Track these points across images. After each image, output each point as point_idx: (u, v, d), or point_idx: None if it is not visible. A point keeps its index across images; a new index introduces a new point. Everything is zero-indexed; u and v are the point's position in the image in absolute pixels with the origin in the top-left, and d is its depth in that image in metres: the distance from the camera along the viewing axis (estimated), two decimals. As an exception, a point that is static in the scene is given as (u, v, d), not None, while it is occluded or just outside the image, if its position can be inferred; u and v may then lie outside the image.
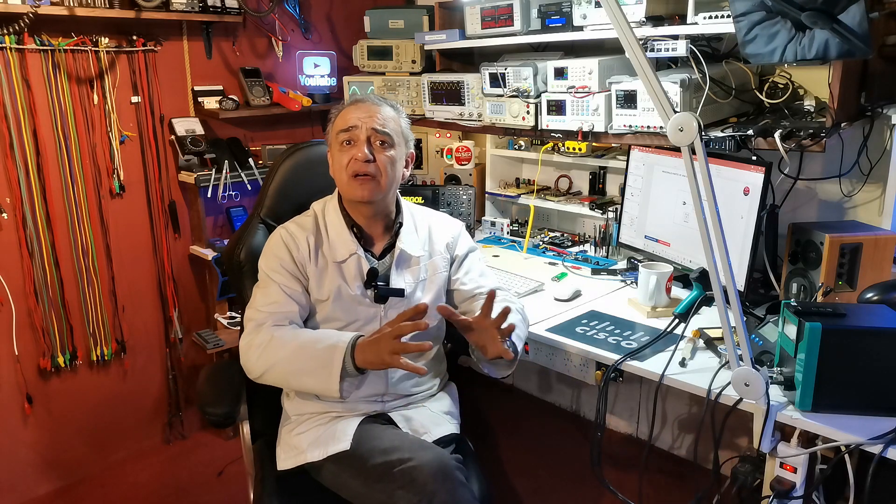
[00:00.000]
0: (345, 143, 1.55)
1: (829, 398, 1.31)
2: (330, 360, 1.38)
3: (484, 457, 2.17)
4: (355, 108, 1.57)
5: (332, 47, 2.97)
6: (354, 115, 1.55)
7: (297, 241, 1.57)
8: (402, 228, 1.64)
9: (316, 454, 1.49)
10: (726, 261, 1.25)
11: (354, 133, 1.54)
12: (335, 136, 1.57)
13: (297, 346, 1.43)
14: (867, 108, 1.79)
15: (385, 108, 1.59)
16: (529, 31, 2.22)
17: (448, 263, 1.69)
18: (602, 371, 1.67)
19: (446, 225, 1.74)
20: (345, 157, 1.54)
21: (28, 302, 2.32)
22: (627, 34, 1.24)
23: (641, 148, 2.12)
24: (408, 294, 1.60)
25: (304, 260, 1.56)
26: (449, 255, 1.69)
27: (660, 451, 2.63)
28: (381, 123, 1.55)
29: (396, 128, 1.59)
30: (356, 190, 1.55)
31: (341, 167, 1.55)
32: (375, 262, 1.61)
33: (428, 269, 1.65)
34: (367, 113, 1.56)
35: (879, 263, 1.65)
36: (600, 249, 2.39)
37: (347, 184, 1.55)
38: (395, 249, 1.61)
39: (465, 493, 1.35)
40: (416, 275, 1.63)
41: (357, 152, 1.53)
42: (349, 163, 1.54)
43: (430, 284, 1.65)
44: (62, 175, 2.33)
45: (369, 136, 1.54)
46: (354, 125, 1.54)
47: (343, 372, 1.38)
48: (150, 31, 2.44)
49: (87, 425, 2.54)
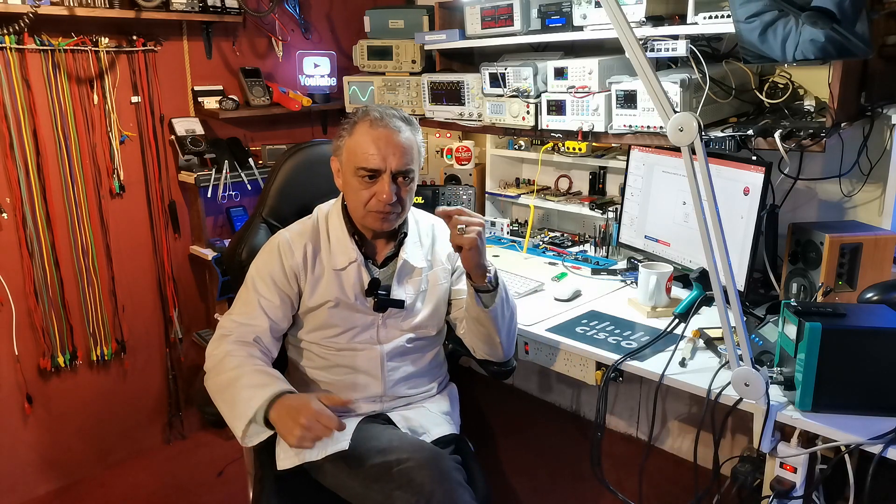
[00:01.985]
0: (366, 178, 1.49)
1: (829, 398, 1.31)
2: (247, 402, 1.34)
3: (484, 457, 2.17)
4: (377, 139, 1.47)
5: (332, 47, 2.97)
6: (377, 153, 1.47)
7: (294, 248, 1.56)
8: (407, 239, 1.62)
9: (315, 454, 1.49)
10: (726, 261, 1.25)
11: (377, 174, 1.48)
12: (353, 169, 1.49)
13: (235, 375, 1.39)
14: (867, 108, 1.79)
15: (405, 134, 1.51)
16: (529, 31, 2.21)
17: (449, 274, 1.69)
18: (602, 371, 1.67)
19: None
20: (365, 192, 1.49)
21: (28, 302, 2.32)
22: (627, 34, 1.24)
23: (641, 148, 2.12)
24: (407, 305, 1.59)
25: (297, 267, 1.55)
26: (450, 266, 1.69)
27: (660, 451, 2.63)
28: (406, 162, 1.49)
29: (416, 154, 1.53)
30: (375, 223, 1.53)
31: (360, 201, 1.50)
32: (377, 270, 1.60)
33: (429, 279, 1.65)
34: (389, 148, 1.47)
35: (879, 263, 1.65)
36: (600, 249, 2.39)
37: (365, 217, 1.53)
38: (398, 260, 1.60)
39: (462, 494, 1.35)
40: (417, 286, 1.62)
41: (381, 193, 1.47)
42: (370, 200, 1.49)
43: (431, 296, 1.64)
44: (62, 175, 2.33)
45: (395, 174, 1.48)
46: (378, 168, 1.47)
47: (252, 419, 1.33)
48: (150, 31, 2.44)
49: (87, 425, 2.54)
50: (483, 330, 1.55)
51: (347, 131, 1.53)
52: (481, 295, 1.49)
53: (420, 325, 1.62)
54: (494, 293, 1.49)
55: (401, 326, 1.61)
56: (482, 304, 1.49)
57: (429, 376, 1.67)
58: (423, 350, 1.65)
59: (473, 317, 1.54)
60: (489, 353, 1.62)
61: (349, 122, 1.54)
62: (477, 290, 1.49)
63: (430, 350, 1.67)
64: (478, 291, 1.49)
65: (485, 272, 1.46)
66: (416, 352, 1.63)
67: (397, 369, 1.60)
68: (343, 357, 1.58)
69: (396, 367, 1.60)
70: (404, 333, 1.61)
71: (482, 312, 1.50)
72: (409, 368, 1.62)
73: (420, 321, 1.62)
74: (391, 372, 1.59)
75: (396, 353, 1.60)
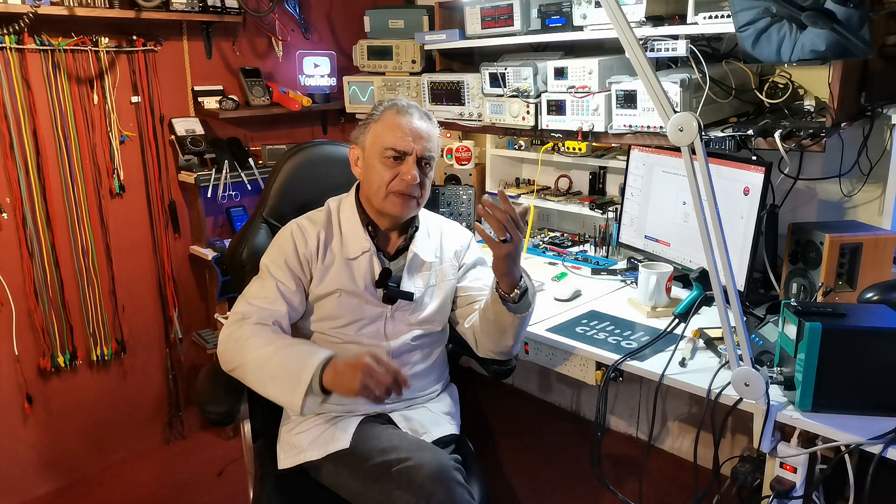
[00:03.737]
0: (392, 159, 1.52)
1: (829, 398, 1.31)
2: (299, 374, 1.32)
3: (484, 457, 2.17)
4: (407, 127, 1.53)
5: (332, 47, 2.97)
6: (406, 136, 1.52)
7: (307, 236, 1.57)
8: (418, 233, 1.64)
9: (315, 453, 1.49)
10: (726, 261, 1.25)
11: (403, 156, 1.52)
12: (380, 150, 1.53)
13: (272, 350, 1.39)
14: (867, 108, 1.79)
15: (430, 127, 1.57)
16: (529, 31, 2.22)
17: (456, 270, 1.69)
18: (602, 371, 1.67)
19: (457, 233, 1.74)
20: (388, 173, 1.52)
21: (28, 302, 2.32)
22: (627, 34, 1.24)
23: (641, 148, 2.12)
24: (416, 299, 1.59)
25: (310, 255, 1.56)
26: (457, 263, 1.69)
27: (660, 451, 2.63)
28: (430, 149, 1.55)
29: (436, 146, 1.59)
30: (395, 207, 1.54)
31: (382, 181, 1.52)
32: (388, 262, 1.61)
33: (438, 274, 1.65)
34: (417, 135, 1.53)
35: (879, 263, 1.65)
36: (600, 249, 2.39)
37: (386, 198, 1.54)
38: (409, 253, 1.61)
39: (462, 494, 1.35)
40: (427, 280, 1.63)
41: (406, 173, 1.51)
42: (394, 180, 1.52)
43: (438, 291, 1.65)
44: (62, 175, 2.33)
45: (419, 158, 1.53)
46: (407, 150, 1.51)
47: (309, 389, 1.32)
48: (150, 31, 2.44)
49: (87, 425, 2.54)
50: (498, 332, 1.54)
51: (373, 119, 1.57)
52: (508, 305, 1.47)
53: (427, 319, 1.62)
54: (521, 304, 1.47)
55: (408, 320, 1.61)
56: (511, 310, 1.48)
57: (433, 376, 1.67)
58: (428, 349, 1.65)
59: (492, 319, 1.52)
60: (496, 351, 1.61)
61: (374, 112, 1.59)
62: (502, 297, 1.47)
63: (435, 349, 1.67)
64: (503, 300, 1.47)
65: (515, 285, 1.45)
66: (421, 350, 1.63)
67: (402, 367, 1.59)
68: (347, 351, 1.57)
69: (401, 365, 1.59)
70: (411, 329, 1.61)
71: (508, 317, 1.48)
72: (414, 368, 1.61)
73: (427, 315, 1.62)
74: None
75: (402, 350, 1.60)
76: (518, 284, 1.46)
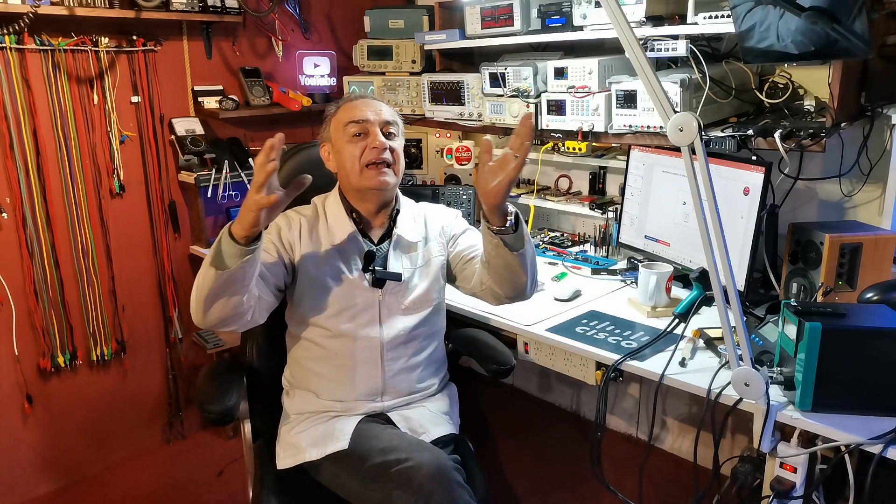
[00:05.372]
0: (355, 135, 1.58)
1: (829, 398, 1.31)
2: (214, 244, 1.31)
3: (483, 457, 2.17)
4: (361, 104, 1.62)
5: (331, 47, 2.97)
6: (364, 109, 1.60)
7: (291, 221, 1.62)
8: (399, 216, 1.66)
9: (314, 453, 1.49)
10: (726, 261, 1.25)
11: (366, 125, 1.57)
12: (342, 129, 1.59)
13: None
14: (867, 107, 1.79)
15: (385, 105, 1.66)
16: (529, 31, 2.21)
17: (444, 247, 1.70)
18: (602, 371, 1.67)
19: (442, 211, 1.76)
20: (356, 148, 1.57)
21: (28, 302, 2.32)
22: (627, 34, 1.24)
23: (641, 148, 2.12)
24: (405, 279, 1.61)
25: (293, 239, 1.59)
26: (444, 239, 1.71)
27: (660, 451, 2.63)
28: (390, 116, 1.63)
29: (398, 121, 1.66)
30: (373, 178, 1.56)
31: (353, 158, 1.57)
32: (374, 247, 1.62)
33: (424, 255, 1.67)
34: (373, 108, 1.61)
35: (879, 263, 1.65)
36: (600, 249, 2.39)
37: (362, 173, 1.57)
38: (393, 235, 1.63)
39: (461, 494, 1.35)
40: (414, 261, 1.65)
41: (372, 141, 1.56)
42: (363, 152, 1.56)
43: (427, 270, 1.66)
44: (62, 175, 2.33)
45: (381, 127, 1.59)
46: (366, 118, 1.58)
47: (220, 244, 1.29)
48: (150, 31, 2.44)
49: (87, 425, 2.54)
50: (509, 275, 1.48)
51: (331, 113, 1.66)
52: (505, 239, 1.41)
53: (418, 299, 1.63)
54: (517, 235, 1.42)
55: (401, 303, 1.61)
56: (510, 248, 1.42)
57: (428, 371, 1.66)
58: (423, 341, 1.65)
59: (500, 265, 1.46)
60: (514, 295, 1.54)
61: (331, 109, 1.67)
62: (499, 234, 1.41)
63: (430, 343, 1.67)
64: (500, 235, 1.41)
65: (506, 214, 1.40)
66: (416, 342, 1.63)
67: (397, 360, 1.60)
68: (342, 345, 1.57)
69: (396, 358, 1.60)
70: (406, 314, 1.61)
71: (511, 256, 1.42)
72: (408, 360, 1.61)
73: (418, 296, 1.63)
74: (390, 363, 1.59)
75: (397, 342, 1.60)
76: (507, 212, 1.40)
